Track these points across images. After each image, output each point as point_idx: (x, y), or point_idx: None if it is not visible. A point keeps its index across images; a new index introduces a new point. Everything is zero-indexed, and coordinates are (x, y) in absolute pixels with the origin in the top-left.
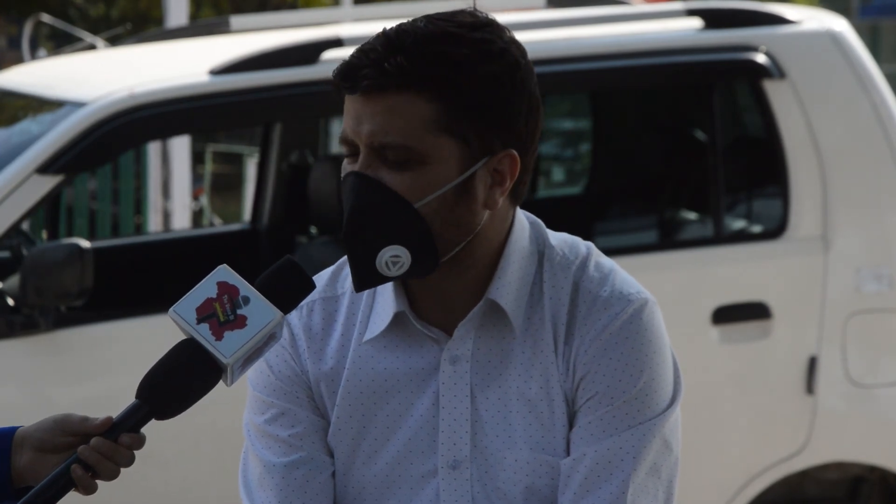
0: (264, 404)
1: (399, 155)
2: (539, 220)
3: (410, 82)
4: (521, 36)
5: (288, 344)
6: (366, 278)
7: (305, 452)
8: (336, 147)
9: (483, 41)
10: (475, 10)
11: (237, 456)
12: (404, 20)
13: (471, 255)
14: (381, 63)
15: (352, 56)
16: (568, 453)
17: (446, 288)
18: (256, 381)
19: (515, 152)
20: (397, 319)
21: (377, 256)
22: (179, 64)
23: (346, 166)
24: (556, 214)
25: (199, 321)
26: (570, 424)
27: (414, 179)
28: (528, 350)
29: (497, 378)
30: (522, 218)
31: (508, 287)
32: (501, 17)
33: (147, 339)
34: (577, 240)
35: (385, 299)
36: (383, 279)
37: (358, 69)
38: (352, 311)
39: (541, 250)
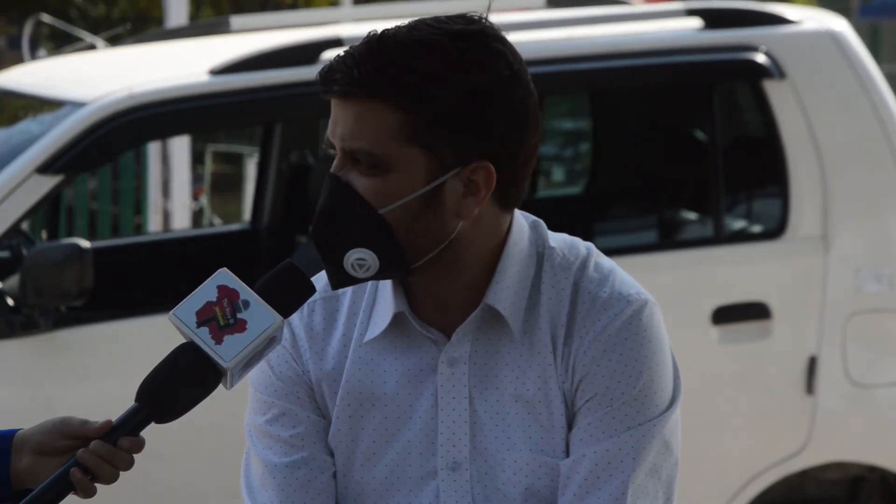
0: (265, 405)
1: (367, 160)
2: (540, 221)
3: (377, 91)
4: (521, 36)
5: (289, 344)
6: (337, 278)
7: (307, 453)
8: None
9: (464, 51)
10: (475, 14)
11: (238, 453)
12: (403, 20)
13: (459, 260)
14: (352, 70)
15: (334, 58)
16: (567, 454)
17: (442, 291)
18: (258, 382)
19: (490, 164)
20: (397, 320)
21: (344, 258)
22: (179, 64)
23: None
24: (556, 214)
25: (199, 325)
26: (570, 426)
27: (380, 185)
28: (525, 352)
29: (494, 380)
30: (521, 220)
31: (507, 291)
32: (501, 18)
33: (147, 339)
34: (577, 240)
35: (385, 299)
36: (354, 280)
37: (333, 73)
38: (353, 310)
39: (540, 252)
